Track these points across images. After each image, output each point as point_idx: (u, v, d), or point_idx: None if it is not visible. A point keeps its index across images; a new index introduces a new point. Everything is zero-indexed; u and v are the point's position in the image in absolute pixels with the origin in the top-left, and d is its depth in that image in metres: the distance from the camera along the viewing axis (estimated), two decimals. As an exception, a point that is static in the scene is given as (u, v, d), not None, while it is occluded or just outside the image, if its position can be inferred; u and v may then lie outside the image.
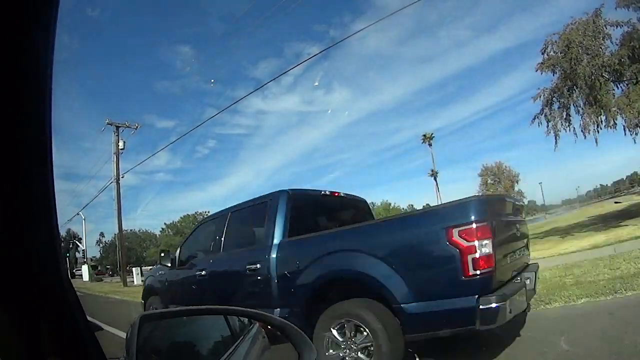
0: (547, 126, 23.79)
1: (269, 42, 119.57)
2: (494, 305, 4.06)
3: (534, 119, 24.47)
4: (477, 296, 4.08)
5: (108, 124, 39.60)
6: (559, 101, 23.43)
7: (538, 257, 15.58)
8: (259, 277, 5.79)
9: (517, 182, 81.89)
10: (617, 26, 21.50)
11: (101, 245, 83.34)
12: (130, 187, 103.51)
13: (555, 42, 22.53)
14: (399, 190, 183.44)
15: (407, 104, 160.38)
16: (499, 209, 5.27)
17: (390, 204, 76.54)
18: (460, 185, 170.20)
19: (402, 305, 4.41)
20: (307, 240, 5.71)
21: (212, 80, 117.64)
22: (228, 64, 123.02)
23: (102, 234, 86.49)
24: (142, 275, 44.87)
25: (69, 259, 66.52)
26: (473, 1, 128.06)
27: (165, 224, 56.90)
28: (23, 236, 1.02)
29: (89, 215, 58.67)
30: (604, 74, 21.24)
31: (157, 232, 62.07)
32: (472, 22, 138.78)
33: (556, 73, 22.83)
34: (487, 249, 4.11)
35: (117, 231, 46.67)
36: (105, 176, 71.66)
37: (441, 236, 4.24)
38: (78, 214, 55.94)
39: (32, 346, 1.07)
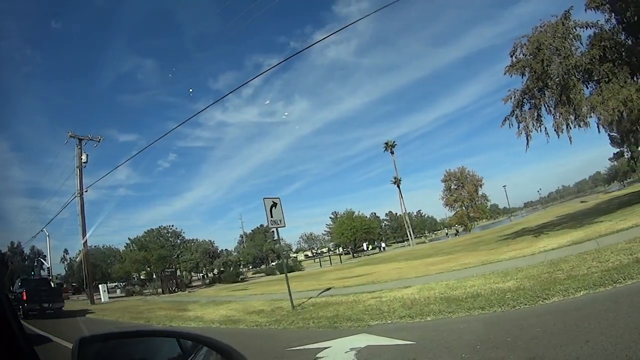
0: (519, 127, 23.99)
1: (229, 54, 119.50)
2: None
3: (505, 120, 24.64)
4: None
5: (71, 136, 38.35)
6: (530, 102, 23.71)
7: (517, 255, 15.74)
8: None
9: (481, 187, 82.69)
10: (586, 27, 22.10)
11: (66, 262, 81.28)
12: (91, 202, 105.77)
13: (525, 44, 22.78)
14: (362, 199, 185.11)
15: (367, 113, 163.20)
16: None
17: (354, 212, 76.72)
18: (424, 191, 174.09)
19: None
20: None
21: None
22: (189, 77, 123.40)
23: (66, 251, 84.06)
24: (108, 292, 43.58)
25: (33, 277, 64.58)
26: (433, 11, 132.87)
27: (129, 239, 55.92)
28: None
29: (53, 232, 57.08)
30: (575, 74, 21.56)
31: (121, 248, 60.58)
32: (431, 32, 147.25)
33: (526, 75, 23.12)
34: None
35: (81, 248, 45.28)
36: (68, 192, 70.50)
37: None
38: (42, 230, 54.43)
39: None
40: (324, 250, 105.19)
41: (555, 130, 22.97)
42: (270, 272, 58.79)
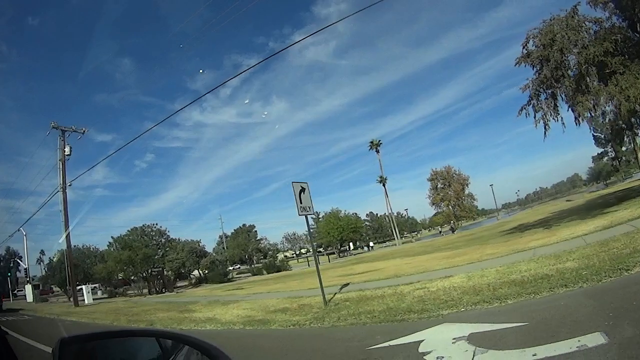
0: (535, 116, 24.31)
1: (207, 54, 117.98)
2: None
3: (521, 109, 24.94)
4: None
5: (53, 127, 35.78)
6: (546, 92, 23.89)
7: (548, 243, 15.66)
8: None
9: (468, 186, 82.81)
10: (595, 22, 22.77)
11: (42, 263, 78.80)
12: (68, 202, 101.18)
13: (537, 35, 23.07)
14: (340, 200, 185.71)
15: (345, 114, 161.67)
16: None
17: (340, 211, 76.00)
18: (402, 192, 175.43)
19: None
20: None
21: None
22: (167, 76, 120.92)
23: (42, 252, 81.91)
24: (95, 292, 41.81)
25: (10, 280, 62.58)
26: (412, 14, 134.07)
27: (112, 237, 54.22)
28: None
29: (28, 233, 55.19)
30: (591, 65, 21.75)
31: (102, 248, 58.80)
32: (410, 33, 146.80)
33: (542, 65, 23.25)
34: None
35: (60, 248, 43.49)
36: (44, 192, 68.93)
37: None
38: (19, 229, 52.38)
39: None
40: (303, 251, 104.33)
41: (576, 118, 23.57)
42: (257, 272, 57.74)
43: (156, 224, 56.84)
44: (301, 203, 13.55)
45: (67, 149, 35.92)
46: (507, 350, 5.44)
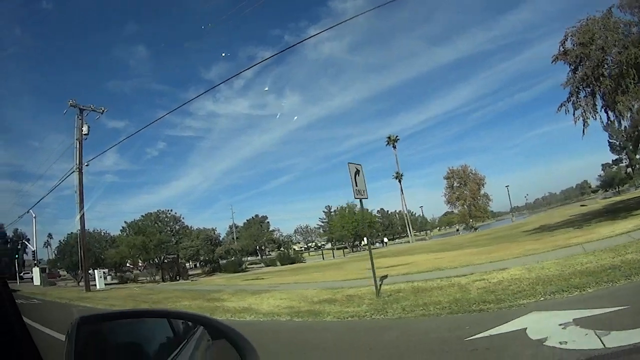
0: (574, 114, 24.45)
1: (223, 45, 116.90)
2: None
3: (561, 106, 25.04)
4: None
5: (71, 105, 34.90)
6: (585, 90, 24.01)
7: (589, 240, 15.53)
8: None
9: (483, 186, 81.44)
10: (629, 25, 22.85)
11: (50, 247, 78.10)
12: (76, 187, 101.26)
13: (576, 34, 23.28)
14: (348, 195, 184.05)
15: (358, 111, 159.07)
16: None
17: (355, 205, 74.34)
18: (411, 191, 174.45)
19: None
20: None
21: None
22: (181, 65, 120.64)
23: (50, 236, 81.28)
24: (105, 278, 40.64)
25: (17, 262, 62.00)
26: (427, 13, 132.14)
27: (125, 222, 53.19)
28: None
29: (37, 216, 54.36)
30: (631, 67, 21.81)
31: (111, 233, 58.62)
32: (425, 32, 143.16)
33: (579, 63, 23.54)
34: None
35: (70, 231, 42.42)
36: (53, 176, 68.63)
37: None
38: (28, 211, 51.20)
39: None
40: (311, 244, 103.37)
41: (616, 116, 23.90)
42: (270, 263, 56.82)
43: (171, 210, 55.52)
44: (357, 186, 12.99)
45: (84, 128, 34.75)
46: (629, 330, 5.30)
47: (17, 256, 62.95)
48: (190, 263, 59.13)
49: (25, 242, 64.51)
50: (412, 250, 40.12)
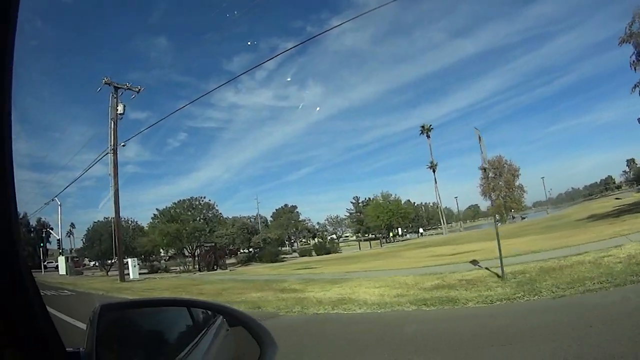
0: None
1: (245, 36, 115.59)
2: None
3: (635, 87, 25.88)
4: None
5: (106, 83, 32.91)
6: None
7: None
8: None
9: (518, 177, 78.67)
10: None
11: (72, 236, 77.22)
12: (98, 178, 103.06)
13: None
14: (371, 187, 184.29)
15: (380, 102, 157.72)
16: None
17: (390, 194, 72.41)
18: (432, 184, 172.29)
19: None
20: None
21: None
22: (203, 57, 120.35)
23: (72, 225, 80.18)
24: (139, 267, 38.64)
25: (42, 250, 61.27)
26: (450, 4, 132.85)
27: (157, 209, 51.49)
28: None
29: (56, 208, 54.15)
30: None
31: (138, 222, 57.22)
32: (448, 24, 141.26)
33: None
34: None
35: (96, 220, 41.02)
36: (74, 167, 67.97)
37: None
38: (53, 199, 50.11)
39: None
40: (340, 235, 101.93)
41: None
42: (304, 253, 54.91)
43: (204, 197, 53.41)
44: (482, 153, 12.58)
45: (120, 107, 32.64)
46: None
47: (42, 245, 62.09)
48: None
49: (50, 230, 63.36)
50: (459, 240, 38.23)
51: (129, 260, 35.38)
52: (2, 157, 1.05)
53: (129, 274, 33.43)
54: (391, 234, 73.82)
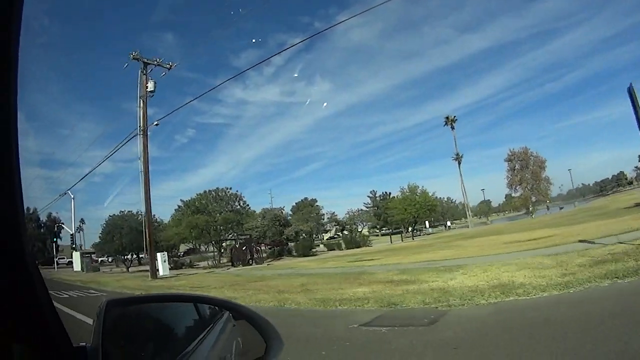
0: None
1: (252, 32, 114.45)
2: None
3: None
4: None
5: (134, 58, 30.28)
6: None
7: None
8: None
9: (544, 169, 76.56)
10: None
11: (82, 232, 75.52)
12: (106, 175, 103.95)
13: None
14: (379, 183, 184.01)
15: (388, 98, 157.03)
16: None
17: (417, 186, 70.02)
18: (445, 179, 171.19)
19: None
20: None
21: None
22: (210, 52, 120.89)
23: (82, 221, 78.18)
24: (169, 263, 35.95)
25: (55, 245, 59.89)
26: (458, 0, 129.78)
27: (182, 200, 49.85)
28: None
29: (66, 203, 52.67)
30: None
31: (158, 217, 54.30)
32: (456, 19, 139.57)
33: None
34: None
35: (111, 214, 41.02)
36: (83, 163, 66.57)
37: None
38: (66, 193, 48.44)
39: None
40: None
41: None
42: (332, 247, 53.11)
43: (230, 188, 51.63)
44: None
45: (150, 84, 29.71)
46: None
47: (55, 240, 60.61)
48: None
49: (62, 224, 61.20)
50: (496, 231, 37.74)
51: (158, 255, 32.44)
52: (8, 154, 1.02)
53: (158, 270, 30.69)
54: (409, 228, 71.59)
